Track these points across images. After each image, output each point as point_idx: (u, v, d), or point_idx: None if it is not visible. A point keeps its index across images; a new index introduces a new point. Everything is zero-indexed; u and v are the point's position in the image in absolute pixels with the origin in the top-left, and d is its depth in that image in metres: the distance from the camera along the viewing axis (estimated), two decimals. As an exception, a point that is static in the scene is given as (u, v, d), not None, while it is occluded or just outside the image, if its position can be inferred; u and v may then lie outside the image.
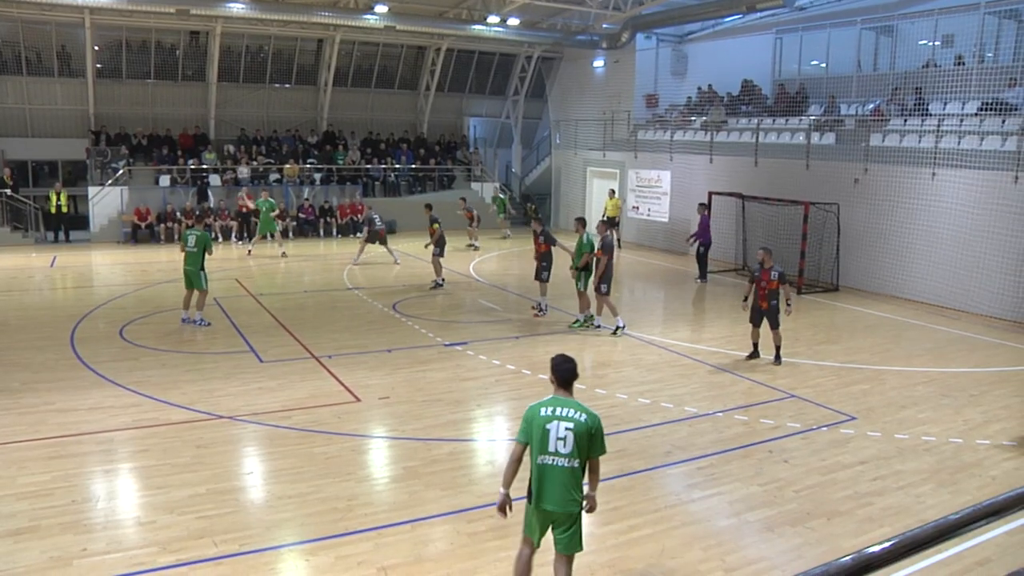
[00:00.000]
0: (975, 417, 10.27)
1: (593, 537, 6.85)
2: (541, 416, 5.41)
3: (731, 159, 23.18)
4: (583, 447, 5.34)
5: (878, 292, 18.50)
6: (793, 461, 8.63)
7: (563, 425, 5.35)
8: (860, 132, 20.11)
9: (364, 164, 29.88)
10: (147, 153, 27.23)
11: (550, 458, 5.33)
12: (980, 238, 16.47)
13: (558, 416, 5.39)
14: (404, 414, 9.91)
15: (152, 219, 25.39)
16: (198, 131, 28.60)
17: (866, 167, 19.05)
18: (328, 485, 7.72)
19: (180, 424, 9.33)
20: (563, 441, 5.32)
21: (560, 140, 32.30)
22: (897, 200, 18.22)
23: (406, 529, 6.89)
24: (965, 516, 2.26)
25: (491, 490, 7.71)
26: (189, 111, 28.79)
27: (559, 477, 5.31)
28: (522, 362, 12.33)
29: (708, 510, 7.45)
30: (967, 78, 18.86)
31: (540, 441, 5.35)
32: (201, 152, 27.73)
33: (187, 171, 26.89)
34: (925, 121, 18.85)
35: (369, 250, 22.20)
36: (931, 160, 17.66)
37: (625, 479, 8.02)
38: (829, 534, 7.00)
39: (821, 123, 21.53)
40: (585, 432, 5.34)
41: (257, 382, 11.01)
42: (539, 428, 5.37)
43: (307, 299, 17.25)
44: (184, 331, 13.76)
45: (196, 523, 6.92)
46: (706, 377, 11.81)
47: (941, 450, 9.09)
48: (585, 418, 5.39)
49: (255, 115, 29.91)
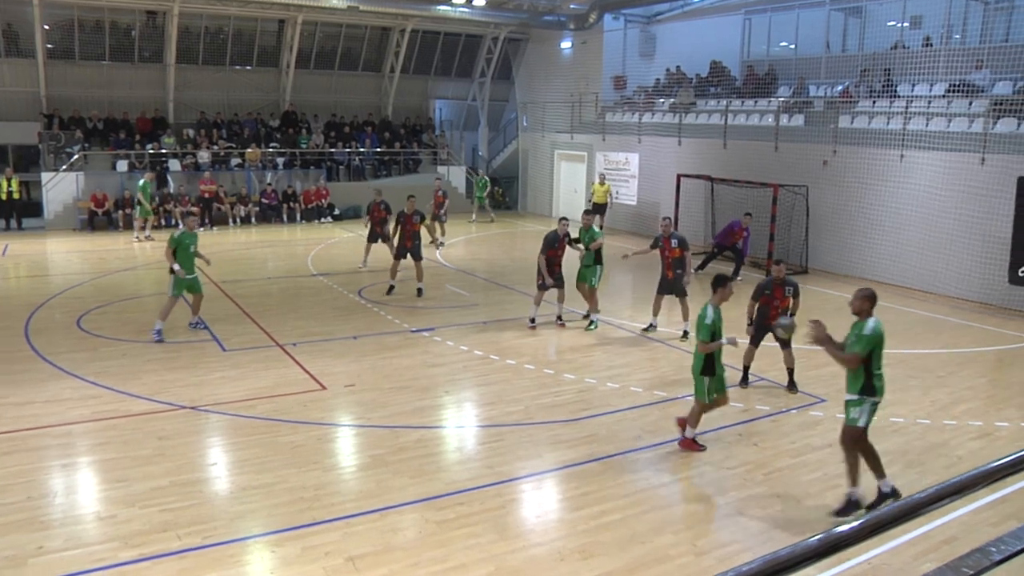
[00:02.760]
0: (942, 398, 10.47)
1: (563, 522, 6.91)
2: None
3: (700, 141, 23.30)
4: None
5: (847, 274, 18.74)
6: (763, 444, 8.74)
7: None
8: (829, 114, 20.32)
9: (328, 148, 29.61)
10: (103, 137, 26.66)
11: None
12: (947, 219, 16.72)
13: None
14: (371, 401, 9.89)
15: (109, 205, 24.91)
16: (157, 114, 28.04)
17: (835, 149, 19.27)
18: (294, 475, 7.69)
19: (141, 415, 9.22)
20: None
21: (527, 123, 32.25)
22: (866, 182, 18.46)
23: (374, 518, 6.88)
24: (931, 495, 2.28)
25: (460, 477, 7.74)
26: (147, 94, 28.16)
27: None
28: (490, 348, 12.34)
29: (678, 494, 7.54)
30: (935, 60, 19.03)
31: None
32: (160, 136, 27.21)
33: (145, 156, 26.41)
34: (893, 103, 19.06)
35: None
36: (899, 142, 17.89)
37: (595, 464, 8.08)
38: (799, 517, 7.11)
39: (790, 105, 21.71)
40: None
41: (220, 371, 10.92)
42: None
43: (271, 286, 17.12)
44: (144, 321, 13.54)
45: (159, 516, 6.84)
46: (676, 361, 11.89)
47: (909, 431, 9.27)
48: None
49: (215, 98, 29.43)
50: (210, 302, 14.82)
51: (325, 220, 27.54)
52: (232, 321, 13.74)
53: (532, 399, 10.09)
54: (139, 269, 18.76)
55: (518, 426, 9.20)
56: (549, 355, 12.37)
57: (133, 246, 21.91)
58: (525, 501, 7.46)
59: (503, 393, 10.33)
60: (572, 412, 9.63)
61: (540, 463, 8.16)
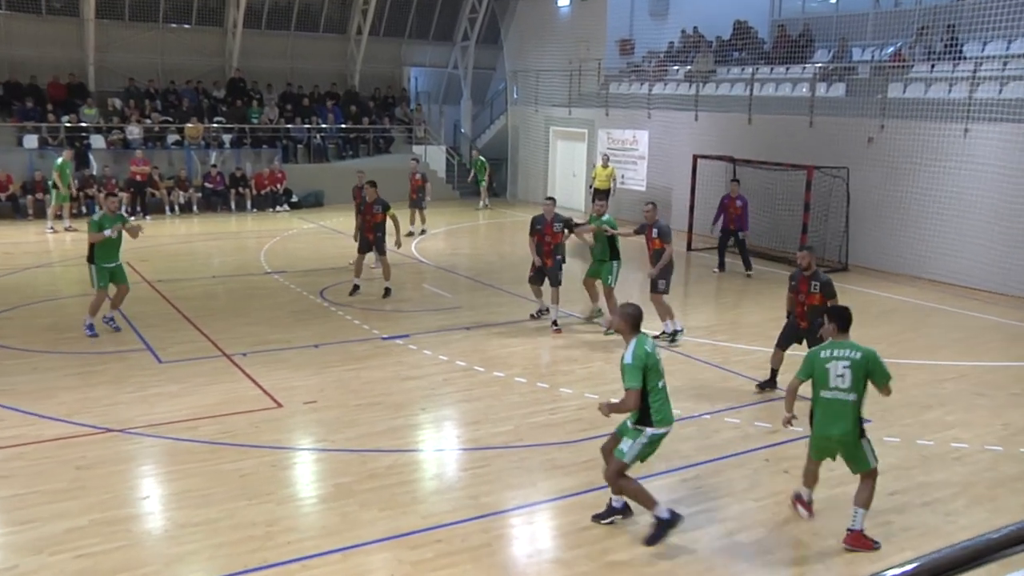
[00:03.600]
0: (1016, 420, 10.38)
1: (559, 563, 6.90)
2: (821, 357, 7.25)
3: (721, 116, 23.35)
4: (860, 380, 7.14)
5: (895, 272, 18.81)
6: (795, 472, 8.74)
7: (840, 364, 7.15)
8: (876, 82, 20.27)
9: (283, 124, 29.57)
10: (5, 106, 26.36)
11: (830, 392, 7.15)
12: (1022, 205, 16.63)
13: (836, 356, 7.19)
14: (334, 421, 9.87)
15: (16, 189, 24.68)
16: (73, 80, 27.74)
17: (883, 123, 19.30)
18: (243, 509, 7.66)
19: (56, 441, 9.15)
20: (842, 378, 7.11)
21: (518, 95, 32.27)
22: (920, 162, 18.38)
23: (337, 559, 6.86)
24: (1008, 535, 2.18)
25: (439, 509, 7.73)
26: (59, 54, 27.72)
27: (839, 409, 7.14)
28: (474, 357, 12.33)
29: (695, 530, 7.53)
30: (1014, 12, 18.36)
31: (821, 378, 7.18)
32: (79, 107, 26.98)
33: (60, 130, 26.14)
34: (958, 66, 18.87)
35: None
36: (964, 113, 17.74)
37: (597, 494, 8.05)
38: (840, 559, 7.11)
39: (829, 72, 21.74)
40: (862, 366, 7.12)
41: (155, 387, 10.86)
42: (820, 367, 7.20)
43: (216, 286, 17.07)
44: (61, 328, 13.46)
45: (74, 564, 6.73)
46: (690, 373, 11.92)
47: (975, 459, 9.22)
48: (860, 355, 7.15)
49: (147, 62, 29.28)
50: (144, 304, 14.78)
51: (281, 208, 27.53)
52: (170, 327, 13.68)
53: (523, 417, 10.08)
54: (55, 265, 18.69)
55: (507, 449, 9.19)
56: (543, 366, 12.36)
57: (47, 238, 21.82)
58: (515, 538, 7.46)
59: (489, 411, 10.31)
60: (570, 433, 9.63)
61: (533, 492, 8.16)
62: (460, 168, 32.59)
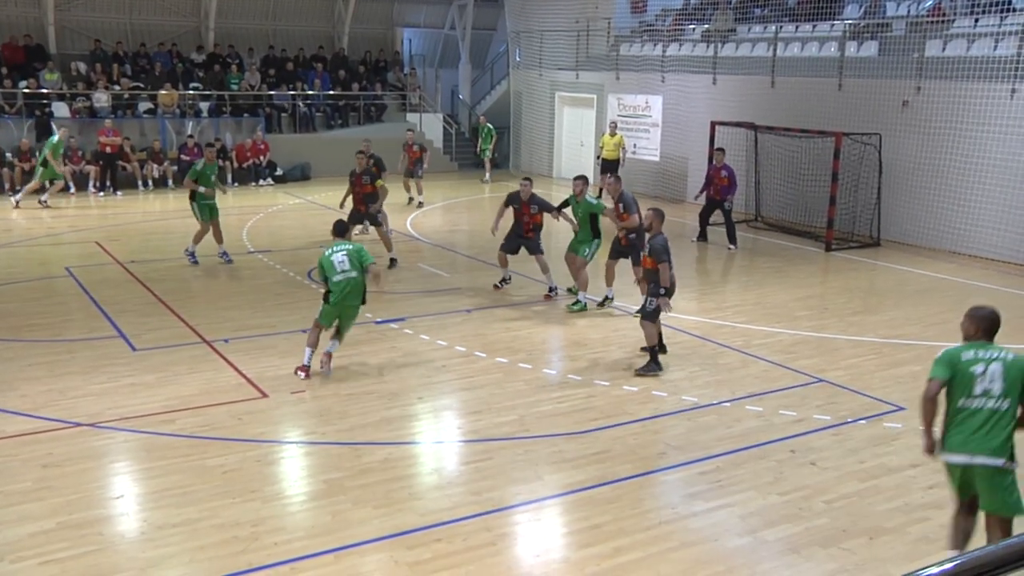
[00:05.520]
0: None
1: (568, 563, 6.92)
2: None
3: (741, 79, 23.28)
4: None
5: (932, 247, 18.79)
6: (823, 463, 8.76)
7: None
8: (912, 39, 20.07)
9: (266, 90, 29.48)
10: (-47, 70, 26.19)
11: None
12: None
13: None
14: (325, 412, 9.89)
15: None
16: (31, 41, 27.55)
17: (919, 85, 19.20)
18: (226, 507, 7.68)
19: (18, 437, 9.14)
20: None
21: (520, 57, 32.15)
22: (961, 127, 18.28)
23: (329, 560, 6.89)
24: None
25: (438, 506, 7.75)
26: (14, 12, 27.62)
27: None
28: (475, 342, 12.35)
29: (714, 527, 7.55)
30: None
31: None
32: (38, 71, 26.77)
33: (18, 97, 25.93)
34: (1006, 19, 18.62)
35: None
36: (1011, 72, 17.54)
37: (608, 488, 8.09)
38: (872, 557, 7.12)
39: (860, 29, 21.64)
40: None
41: (128, 376, 10.88)
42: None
43: (194, 267, 17.06)
44: (23, 312, 13.47)
45: (39, 571, 6.72)
46: (709, 357, 11.92)
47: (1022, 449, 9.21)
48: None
49: (114, 22, 29.22)
50: (115, 288, 14.85)
51: (264, 182, 27.52)
52: (144, 312, 13.68)
53: (528, 407, 10.10)
54: (16, 245, 18.64)
55: (511, 441, 9.21)
56: (549, 351, 12.38)
57: (12, 215, 21.73)
58: (520, 536, 7.48)
59: (492, 399, 10.33)
60: (579, 423, 9.64)
61: (539, 487, 8.18)
62: (459, 137, 32.53)
